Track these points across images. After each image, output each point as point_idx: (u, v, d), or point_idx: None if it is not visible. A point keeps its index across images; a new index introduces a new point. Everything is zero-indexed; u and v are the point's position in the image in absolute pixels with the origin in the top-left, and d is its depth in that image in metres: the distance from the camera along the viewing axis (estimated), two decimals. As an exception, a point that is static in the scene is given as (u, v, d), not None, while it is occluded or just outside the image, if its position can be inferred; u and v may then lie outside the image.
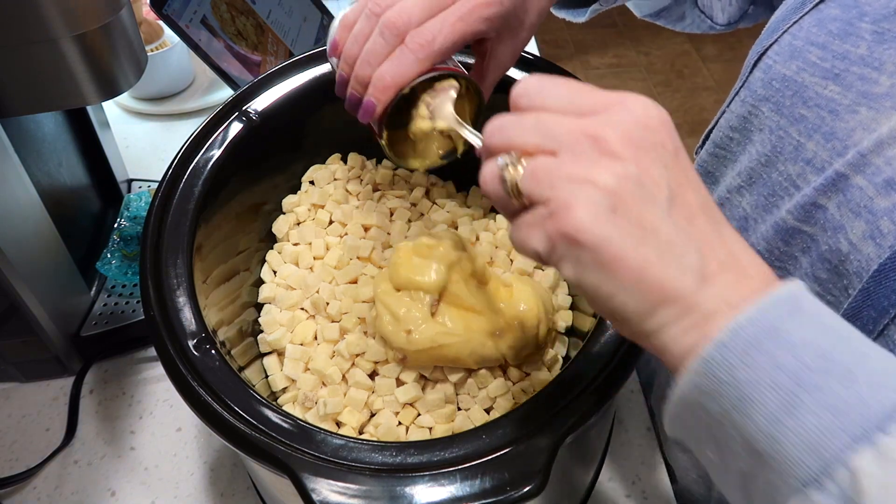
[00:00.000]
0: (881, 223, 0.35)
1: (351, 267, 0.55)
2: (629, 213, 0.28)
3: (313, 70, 0.55)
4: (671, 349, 0.29)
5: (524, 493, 0.36)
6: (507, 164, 0.31)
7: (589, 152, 0.29)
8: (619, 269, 0.28)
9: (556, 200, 0.29)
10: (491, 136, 0.32)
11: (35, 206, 0.57)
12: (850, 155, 0.37)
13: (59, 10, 0.42)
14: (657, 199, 0.29)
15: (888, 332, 0.34)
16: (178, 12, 0.75)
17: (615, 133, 0.29)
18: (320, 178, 0.60)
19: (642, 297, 0.28)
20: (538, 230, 0.30)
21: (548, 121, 0.30)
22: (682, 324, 0.28)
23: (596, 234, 0.28)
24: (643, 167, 0.29)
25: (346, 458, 0.38)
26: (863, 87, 0.38)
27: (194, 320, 0.44)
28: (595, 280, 0.29)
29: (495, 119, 0.32)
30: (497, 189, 0.31)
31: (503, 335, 0.49)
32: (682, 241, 0.28)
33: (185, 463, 0.60)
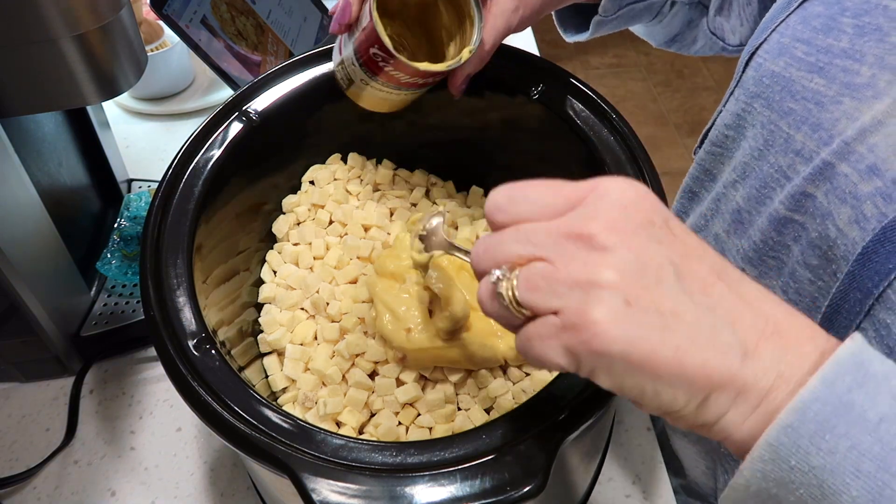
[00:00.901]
0: (865, 207, 0.36)
1: (351, 267, 0.55)
2: (644, 304, 0.26)
3: (313, 70, 0.55)
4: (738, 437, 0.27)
5: (524, 493, 0.36)
6: (499, 279, 0.29)
7: (577, 252, 0.27)
8: (654, 367, 0.26)
9: (565, 310, 0.27)
10: (478, 260, 0.31)
11: (35, 206, 0.57)
12: (836, 144, 0.38)
13: (59, 10, 0.42)
14: (665, 279, 0.27)
15: (874, 312, 0.35)
16: (178, 12, 0.75)
17: (598, 225, 0.27)
18: (320, 178, 0.60)
19: (689, 389, 0.26)
20: (554, 343, 0.28)
21: (527, 230, 0.29)
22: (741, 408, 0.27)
23: (619, 337, 0.26)
24: (638, 251, 0.27)
25: (346, 458, 0.38)
26: (845, 79, 0.39)
27: (194, 320, 0.44)
28: (634, 383, 0.27)
29: (478, 243, 0.31)
30: (495, 306, 0.30)
31: (503, 336, 0.49)
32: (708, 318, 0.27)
33: (185, 463, 0.60)
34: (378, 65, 0.46)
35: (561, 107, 0.53)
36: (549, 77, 0.53)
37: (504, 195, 0.31)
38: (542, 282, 0.28)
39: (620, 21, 0.57)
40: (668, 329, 0.26)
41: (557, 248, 0.28)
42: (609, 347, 0.26)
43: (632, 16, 0.57)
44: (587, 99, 0.52)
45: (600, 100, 0.52)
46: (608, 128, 0.51)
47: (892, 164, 0.35)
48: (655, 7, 0.56)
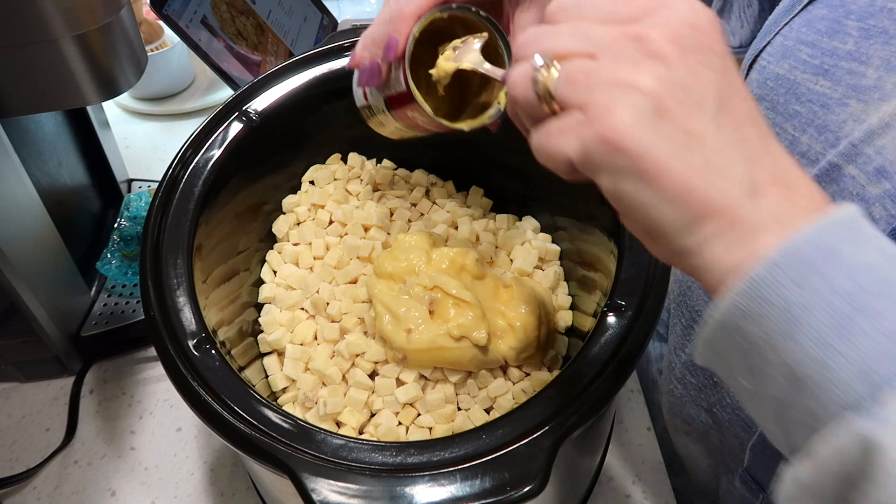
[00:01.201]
0: (873, 210, 0.36)
1: (351, 267, 0.55)
2: (674, 119, 0.26)
3: (313, 70, 0.55)
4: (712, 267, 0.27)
5: (524, 493, 0.36)
6: (541, 66, 0.29)
7: (631, 54, 0.27)
8: (661, 178, 0.26)
9: (594, 105, 0.27)
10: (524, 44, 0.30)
11: (35, 206, 0.57)
12: (843, 146, 0.38)
13: (59, 10, 0.42)
14: (704, 104, 0.27)
15: None
16: (178, 12, 0.75)
17: (660, 33, 0.27)
18: (320, 178, 0.60)
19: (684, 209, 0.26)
20: (571, 135, 0.28)
21: (586, 26, 0.29)
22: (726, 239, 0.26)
23: (638, 139, 0.26)
24: (690, 70, 0.27)
25: (346, 458, 0.38)
26: (851, 81, 0.39)
27: (194, 320, 0.44)
28: (633, 189, 0.27)
29: (528, 31, 0.31)
30: (527, 91, 0.29)
31: (504, 338, 0.49)
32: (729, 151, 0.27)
33: (185, 463, 0.60)
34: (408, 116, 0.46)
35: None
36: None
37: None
38: (582, 77, 0.28)
39: None
40: (688, 148, 0.26)
41: (610, 46, 0.28)
42: (625, 145, 0.26)
43: None
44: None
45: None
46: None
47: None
48: None
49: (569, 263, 0.58)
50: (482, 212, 0.61)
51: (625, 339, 0.42)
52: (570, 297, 0.56)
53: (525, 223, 0.61)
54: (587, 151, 0.27)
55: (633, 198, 0.27)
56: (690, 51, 0.27)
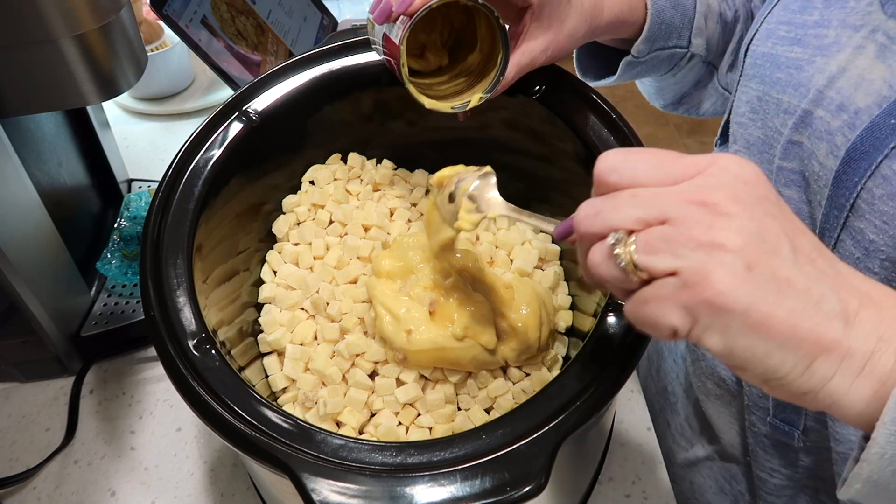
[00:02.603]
0: (836, 139, 0.42)
1: (351, 267, 0.55)
2: (763, 270, 0.28)
3: (313, 70, 0.55)
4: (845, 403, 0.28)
5: (524, 493, 0.36)
6: (617, 241, 0.30)
7: (702, 217, 0.29)
8: (770, 328, 0.28)
9: (687, 269, 0.28)
10: (587, 221, 0.31)
11: (35, 206, 0.57)
12: (811, 94, 0.45)
13: (59, 10, 0.42)
14: (781, 250, 0.29)
15: (849, 223, 0.42)
16: (178, 12, 0.75)
17: (723, 194, 0.29)
18: (320, 178, 0.60)
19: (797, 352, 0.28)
20: (672, 303, 0.29)
21: (647, 194, 0.30)
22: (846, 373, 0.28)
23: (741, 296, 0.27)
24: (759, 222, 0.29)
25: (346, 458, 0.38)
26: (817, 43, 0.46)
27: (194, 320, 0.44)
28: (747, 344, 0.28)
29: (585, 205, 0.32)
30: (611, 269, 0.30)
31: (505, 339, 0.49)
32: (817, 287, 0.28)
33: (185, 463, 0.60)
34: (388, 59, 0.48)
35: (561, 107, 0.53)
36: (549, 77, 0.53)
37: (620, 157, 0.32)
38: (662, 244, 0.29)
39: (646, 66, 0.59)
40: (783, 294, 0.28)
41: (680, 212, 0.29)
42: (732, 305, 0.27)
43: (656, 63, 0.59)
44: (587, 99, 0.52)
45: (600, 100, 0.52)
46: (608, 128, 0.51)
47: (855, 99, 0.42)
48: (676, 57, 0.59)
49: (569, 263, 0.58)
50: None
51: (625, 339, 0.42)
52: (570, 297, 0.56)
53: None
54: (694, 317, 0.29)
55: (748, 352, 0.28)
56: (752, 204, 0.29)
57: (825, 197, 0.43)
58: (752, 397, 0.53)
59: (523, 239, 0.58)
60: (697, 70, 0.62)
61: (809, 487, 0.53)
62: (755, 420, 0.53)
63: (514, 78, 0.49)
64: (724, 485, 0.60)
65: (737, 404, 0.56)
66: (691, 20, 0.57)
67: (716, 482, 0.61)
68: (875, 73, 0.42)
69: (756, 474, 0.55)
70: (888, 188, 0.40)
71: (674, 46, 0.57)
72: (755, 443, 0.54)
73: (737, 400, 0.56)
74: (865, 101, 0.42)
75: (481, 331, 0.48)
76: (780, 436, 0.51)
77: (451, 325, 0.48)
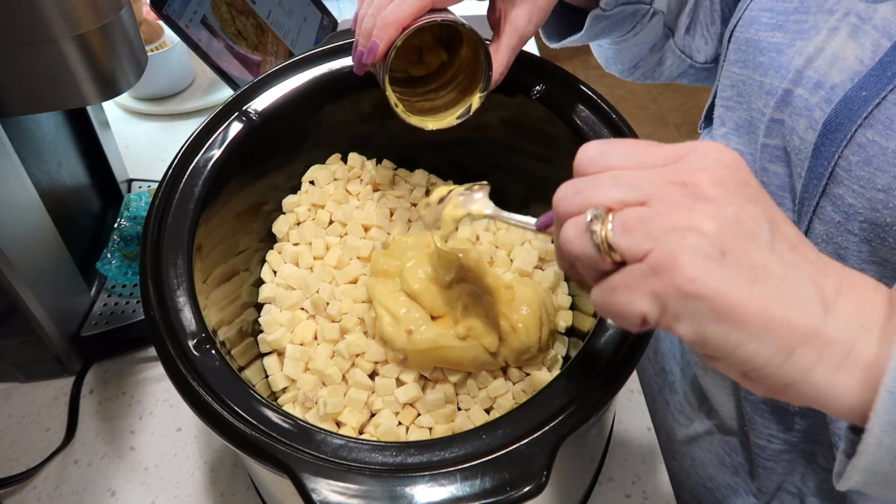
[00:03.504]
0: (815, 114, 0.45)
1: (351, 267, 0.55)
2: (738, 255, 0.27)
3: (313, 70, 0.55)
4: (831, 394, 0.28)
5: (524, 493, 0.36)
6: (594, 218, 0.29)
7: (682, 199, 0.28)
8: (742, 315, 0.27)
9: (658, 253, 0.27)
10: (565, 200, 0.31)
11: (35, 206, 0.57)
12: (791, 74, 0.47)
13: (59, 10, 0.42)
14: (759, 236, 0.28)
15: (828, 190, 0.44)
16: (178, 12, 0.75)
17: (704, 176, 0.28)
18: (320, 178, 0.60)
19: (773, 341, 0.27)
20: (641, 290, 0.28)
21: (627, 175, 0.30)
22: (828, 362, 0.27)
23: (710, 282, 0.27)
24: (739, 206, 0.28)
25: (346, 458, 0.38)
26: (797, 28, 0.49)
27: (194, 320, 0.44)
28: (718, 332, 0.27)
29: (565, 185, 0.31)
30: (585, 247, 0.29)
31: (506, 339, 0.49)
32: (794, 274, 0.28)
33: (185, 463, 0.60)
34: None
35: (561, 107, 0.53)
36: (549, 77, 0.53)
37: (597, 147, 0.31)
38: (639, 225, 0.28)
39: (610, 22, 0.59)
40: (758, 281, 0.27)
41: (660, 193, 0.28)
42: (701, 291, 0.27)
43: (620, 19, 0.59)
44: (587, 99, 0.52)
45: (600, 100, 0.52)
46: (608, 128, 0.51)
47: (830, 76, 0.45)
48: (639, 14, 0.59)
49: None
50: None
51: (625, 339, 0.42)
52: (570, 297, 0.56)
53: (525, 223, 0.60)
54: (663, 304, 0.28)
55: (721, 340, 0.28)
56: (733, 188, 0.29)
57: (805, 169, 0.45)
58: None
59: (523, 239, 0.58)
60: (656, 31, 0.62)
61: (807, 452, 0.54)
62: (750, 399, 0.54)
63: (509, 60, 0.49)
64: (724, 457, 0.61)
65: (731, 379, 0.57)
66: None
67: (716, 455, 0.62)
68: (848, 51, 0.45)
69: (754, 442, 0.56)
70: (863, 155, 0.42)
71: (638, 1, 0.58)
72: (752, 411, 0.55)
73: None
74: (840, 77, 0.44)
75: (484, 332, 0.48)
76: (777, 401, 0.52)
77: (454, 324, 0.48)
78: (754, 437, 0.56)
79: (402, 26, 0.44)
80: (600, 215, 0.29)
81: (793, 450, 0.55)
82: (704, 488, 0.64)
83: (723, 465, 0.62)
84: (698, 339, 0.28)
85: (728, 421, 0.59)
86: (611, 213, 0.29)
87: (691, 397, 0.64)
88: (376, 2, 0.45)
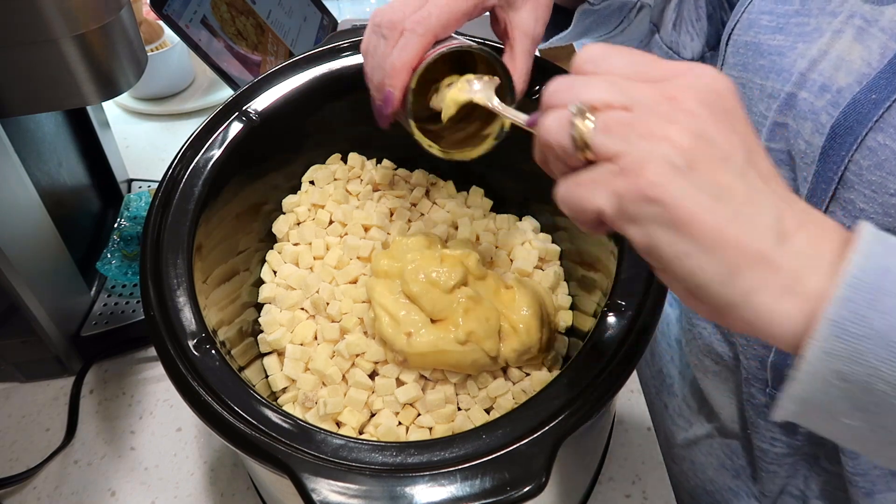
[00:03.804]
0: (821, 118, 0.45)
1: (351, 267, 0.55)
2: (705, 172, 0.28)
3: (313, 70, 0.55)
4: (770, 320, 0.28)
5: (524, 493, 0.36)
6: (577, 112, 0.30)
7: (665, 110, 0.29)
8: (694, 228, 0.27)
9: (628, 156, 0.28)
10: (556, 92, 0.32)
11: (35, 206, 0.57)
12: (794, 77, 0.47)
13: (59, 10, 0.42)
14: (733, 159, 0.28)
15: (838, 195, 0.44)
16: (178, 12, 0.75)
17: (692, 94, 0.29)
18: (320, 178, 0.60)
19: (721, 258, 0.27)
20: (603, 187, 0.29)
21: (620, 81, 0.30)
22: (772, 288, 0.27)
23: (671, 190, 0.27)
24: (718, 130, 0.29)
25: (346, 458, 0.38)
26: (798, 30, 0.48)
27: (194, 320, 0.44)
28: (667, 240, 0.28)
29: (560, 77, 0.32)
30: (562, 138, 0.30)
31: (507, 340, 0.49)
32: (758, 201, 0.28)
33: (185, 463, 0.60)
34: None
35: (561, 107, 0.52)
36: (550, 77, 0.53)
37: (599, 50, 0.32)
38: (617, 127, 0.29)
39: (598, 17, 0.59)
40: (720, 201, 0.28)
41: (647, 102, 0.29)
42: (660, 197, 0.27)
43: (607, 14, 0.59)
44: (587, 99, 0.52)
45: (600, 100, 0.52)
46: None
47: (836, 79, 0.45)
48: (626, 8, 0.60)
49: (569, 263, 0.58)
50: (482, 212, 0.61)
51: (625, 339, 0.42)
52: (570, 297, 0.56)
53: (525, 223, 0.61)
54: (620, 202, 0.28)
55: (669, 249, 0.28)
56: (717, 112, 0.29)
57: (812, 173, 0.45)
58: (751, 370, 0.54)
59: (523, 239, 0.58)
60: (643, 27, 0.63)
61: (810, 455, 0.54)
62: (754, 392, 0.54)
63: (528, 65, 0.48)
64: (724, 461, 0.61)
65: (735, 379, 0.57)
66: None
67: (717, 459, 0.62)
68: (854, 53, 0.44)
69: (757, 445, 0.56)
70: (874, 159, 0.42)
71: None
72: (755, 414, 0.54)
73: (735, 374, 0.57)
74: (847, 80, 0.44)
75: (485, 337, 0.48)
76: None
77: (455, 328, 0.48)
78: (757, 440, 0.56)
79: (411, 68, 0.43)
80: (584, 111, 0.30)
81: (796, 453, 0.54)
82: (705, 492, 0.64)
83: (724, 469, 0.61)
84: (648, 243, 0.29)
85: (729, 424, 0.59)
86: (594, 112, 0.30)
87: (690, 400, 0.64)
88: (379, 52, 0.44)
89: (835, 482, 0.54)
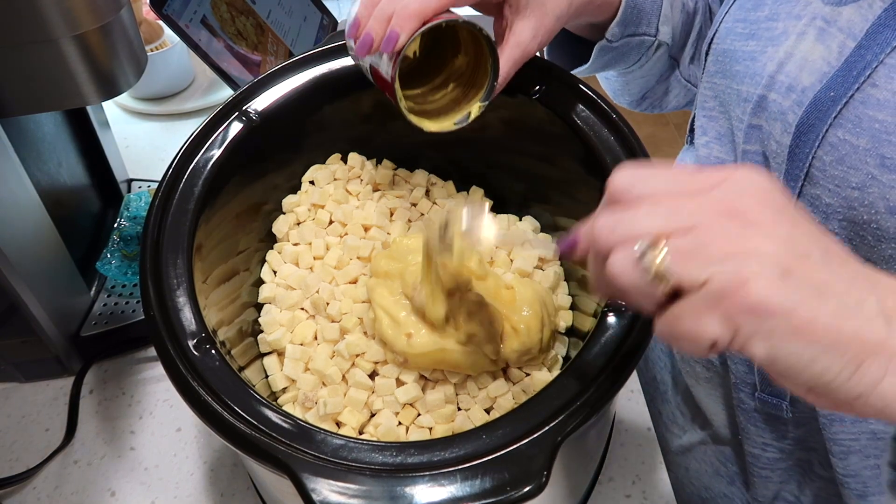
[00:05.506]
0: (788, 117, 0.46)
1: (351, 267, 0.55)
2: (800, 275, 0.28)
3: (313, 70, 0.55)
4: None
5: (524, 493, 0.36)
6: (645, 250, 0.29)
7: (731, 225, 0.28)
8: (814, 331, 0.27)
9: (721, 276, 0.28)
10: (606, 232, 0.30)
11: (35, 206, 0.57)
12: (764, 80, 0.48)
13: (59, 10, 0.42)
14: (813, 255, 0.28)
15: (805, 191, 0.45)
16: (178, 12, 0.75)
17: (749, 202, 0.29)
18: (320, 178, 0.60)
19: (843, 355, 0.28)
20: (709, 315, 0.28)
21: (671, 203, 0.30)
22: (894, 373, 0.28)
23: (781, 300, 0.27)
24: (789, 227, 0.29)
25: (346, 458, 0.38)
26: (768, 35, 0.49)
27: (194, 320, 0.44)
28: (792, 349, 0.28)
29: (600, 218, 0.31)
30: (636, 278, 0.29)
31: (507, 340, 0.49)
32: (853, 290, 0.28)
33: (185, 463, 0.60)
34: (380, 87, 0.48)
35: (561, 107, 0.53)
36: (549, 77, 0.53)
37: (631, 175, 0.31)
38: (694, 253, 0.28)
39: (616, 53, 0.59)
40: (823, 297, 0.28)
41: (706, 220, 0.29)
42: (775, 309, 0.27)
43: (626, 50, 0.60)
44: (587, 99, 0.52)
45: (600, 100, 0.52)
46: (608, 128, 0.51)
47: (801, 79, 0.46)
48: (644, 45, 0.60)
49: (569, 263, 0.58)
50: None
51: (625, 339, 0.42)
52: (570, 297, 0.56)
53: (525, 223, 0.61)
54: (735, 326, 0.28)
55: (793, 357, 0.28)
56: (778, 211, 0.29)
57: (783, 172, 0.46)
58: (739, 374, 0.54)
59: (523, 239, 0.58)
60: (662, 63, 0.63)
61: (802, 460, 0.54)
62: (743, 397, 0.54)
63: (510, 73, 0.49)
64: (719, 467, 0.61)
65: (725, 384, 0.57)
66: (659, 7, 0.59)
67: (711, 465, 0.62)
68: (816, 54, 0.46)
69: (748, 451, 0.56)
70: (836, 154, 0.43)
71: (643, 33, 0.59)
72: (745, 419, 0.55)
73: (725, 380, 0.57)
74: (810, 79, 0.45)
75: (486, 340, 0.48)
76: (770, 409, 0.52)
77: (455, 329, 0.48)
78: (748, 445, 0.56)
79: (424, 19, 0.43)
80: (651, 245, 0.29)
81: (787, 458, 0.54)
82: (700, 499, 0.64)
83: (718, 475, 0.61)
84: (772, 357, 0.28)
85: (722, 430, 0.59)
86: (661, 243, 0.29)
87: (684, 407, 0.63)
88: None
89: (829, 488, 0.54)
